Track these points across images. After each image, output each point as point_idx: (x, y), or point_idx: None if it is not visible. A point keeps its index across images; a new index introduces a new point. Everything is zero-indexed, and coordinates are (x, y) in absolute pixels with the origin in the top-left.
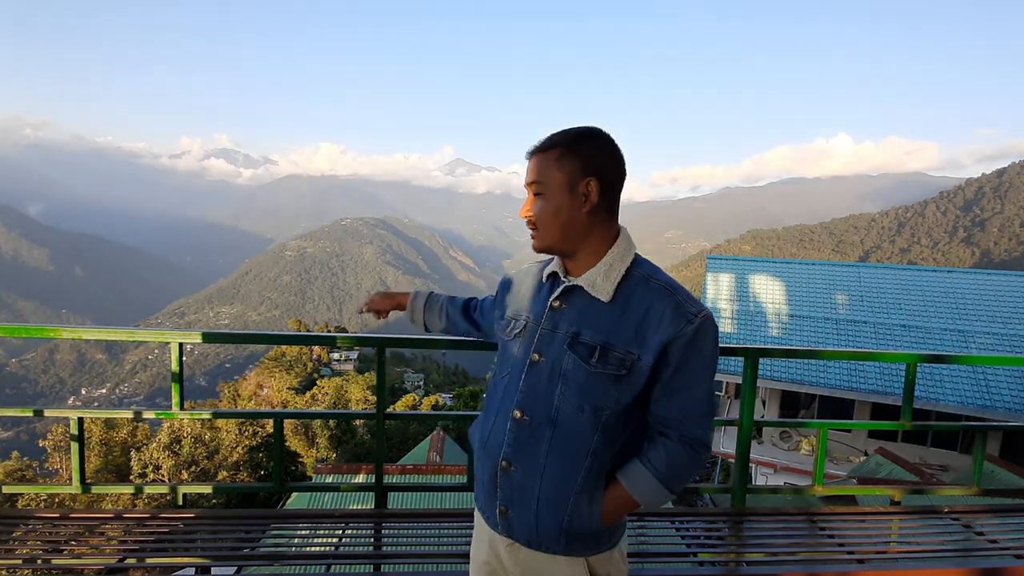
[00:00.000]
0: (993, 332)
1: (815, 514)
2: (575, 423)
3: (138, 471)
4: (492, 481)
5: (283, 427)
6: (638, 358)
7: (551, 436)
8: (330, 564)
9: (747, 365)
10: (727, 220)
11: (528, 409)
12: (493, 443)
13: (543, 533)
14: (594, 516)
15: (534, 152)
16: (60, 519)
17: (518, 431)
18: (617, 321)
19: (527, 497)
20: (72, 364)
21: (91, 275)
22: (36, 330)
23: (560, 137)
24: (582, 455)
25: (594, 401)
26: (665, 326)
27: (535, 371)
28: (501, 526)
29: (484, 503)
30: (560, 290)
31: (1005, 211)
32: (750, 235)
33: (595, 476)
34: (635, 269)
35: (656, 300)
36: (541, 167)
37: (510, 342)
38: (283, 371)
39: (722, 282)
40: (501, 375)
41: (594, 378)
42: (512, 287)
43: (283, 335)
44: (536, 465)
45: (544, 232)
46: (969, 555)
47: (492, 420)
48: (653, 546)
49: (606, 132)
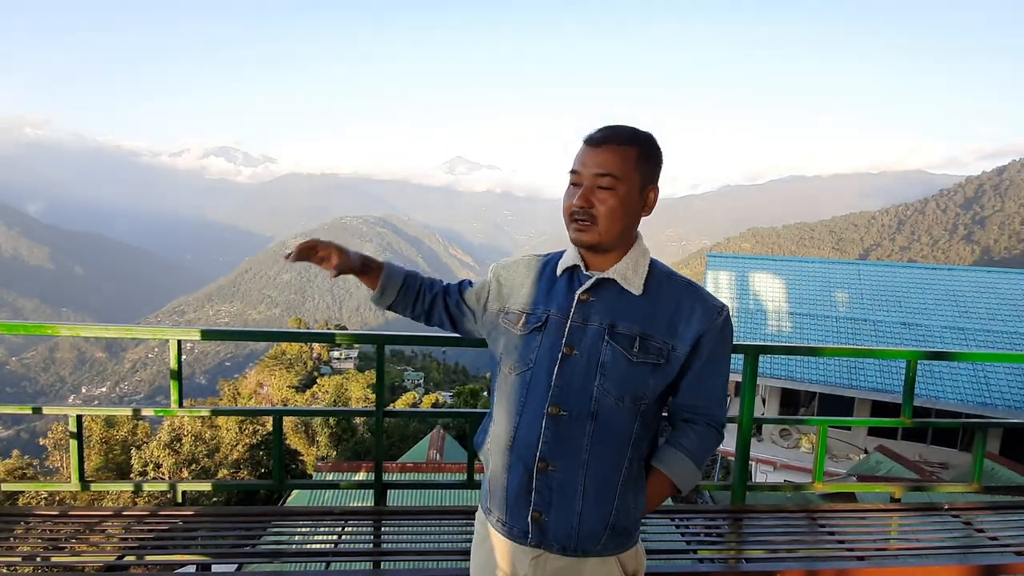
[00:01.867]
0: (993, 330)
1: (815, 511)
2: (615, 414)
3: (138, 469)
4: (525, 485)
5: (282, 425)
6: (673, 348)
7: (592, 430)
8: (330, 561)
9: (746, 363)
10: (727, 218)
11: (565, 404)
12: (524, 444)
13: (584, 532)
14: (639, 506)
15: (606, 142)
16: (60, 517)
17: (556, 428)
18: (651, 313)
19: (569, 496)
20: (72, 362)
21: (91, 273)
22: (35, 327)
23: (635, 135)
24: (624, 446)
25: (634, 391)
26: (697, 319)
27: (569, 364)
28: (532, 535)
29: (509, 513)
30: (591, 283)
31: (1005, 209)
32: (750, 233)
33: (637, 466)
34: (655, 267)
35: (683, 295)
36: (618, 161)
37: (525, 336)
38: (283, 369)
39: (722, 280)
40: (517, 372)
41: (635, 368)
42: (513, 280)
43: (282, 332)
44: (579, 461)
45: (606, 227)
46: (969, 551)
47: (517, 420)
48: (653, 543)
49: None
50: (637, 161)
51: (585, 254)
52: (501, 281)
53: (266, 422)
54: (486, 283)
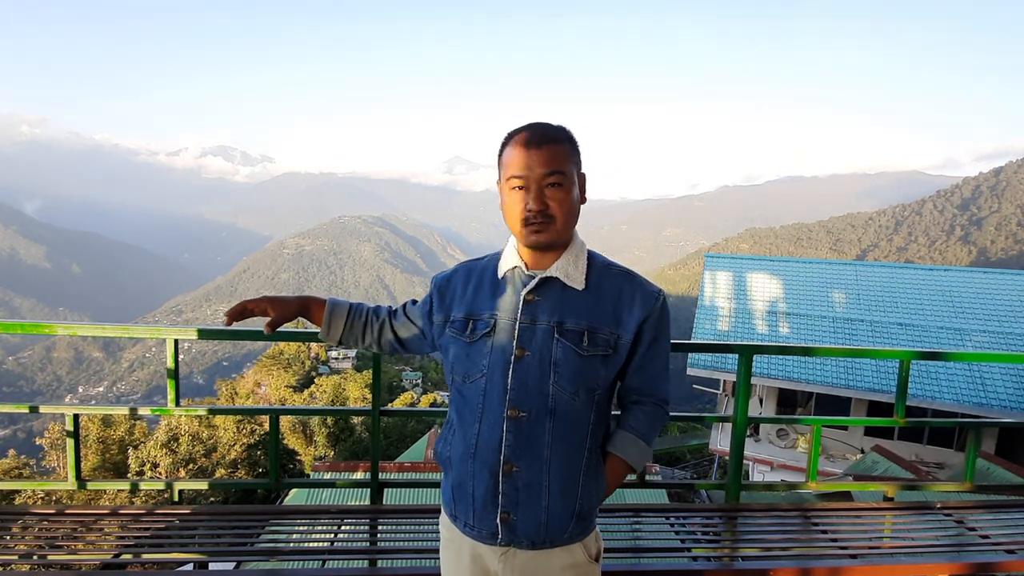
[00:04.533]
0: (990, 330)
1: (809, 510)
2: (572, 409)
3: (135, 469)
4: (492, 490)
5: (279, 424)
6: (619, 337)
7: (552, 427)
8: (326, 559)
9: (741, 362)
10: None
11: (523, 405)
12: (487, 450)
13: (552, 526)
14: (601, 492)
15: (546, 142)
16: (56, 515)
17: (517, 430)
18: (595, 306)
19: (535, 494)
20: (69, 362)
21: (88, 273)
22: (32, 326)
23: (560, 131)
24: (583, 438)
25: (587, 384)
26: (638, 307)
27: (522, 366)
28: (502, 535)
29: (477, 518)
30: (535, 283)
31: (1002, 210)
32: (748, 233)
33: (596, 454)
34: (593, 259)
35: (624, 285)
36: (561, 158)
37: (475, 343)
38: (281, 369)
39: (720, 280)
40: (472, 378)
41: (586, 361)
42: (454, 289)
43: (280, 332)
44: (542, 459)
45: (563, 224)
46: (962, 550)
47: (477, 427)
48: (648, 541)
49: None
50: (570, 154)
51: (526, 254)
52: (442, 292)
53: (263, 421)
54: (428, 297)
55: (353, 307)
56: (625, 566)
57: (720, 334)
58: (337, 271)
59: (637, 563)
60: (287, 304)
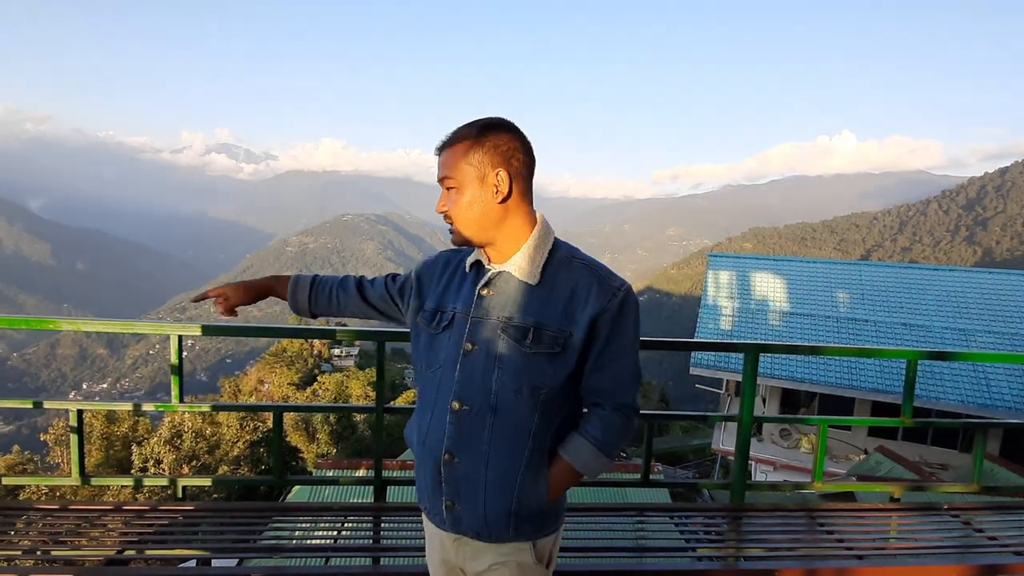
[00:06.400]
0: (995, 331)
1: (814, 510)
2: (515, 406)
3: (139, 465)
4: (436, 477)
5: (282, 421)
6: (569, 335)
7: (492, 423)
8: (330, 556)
9: (747, 361)
10: (728, 218)
11: (467, 399)
12: (433, 439)
13: (492, 521)
14: (540, 495)
15: (442, 147)
16: (60, 511)
17: (458, 422)
18: (546, 301)
19: (473, 487)
20: (73, 358)
21: (93, 270)
22: (36, 322)
23: (466, 131)
24: (524, 437)
25: (531, 381)
26: (592, 301)
27: (469, 360)
28: (448, 522)
29: (429, 501)
30: (487, 277)
31: (1008, 210)
32: (751, 233)
33: (538, 455)
34: (557, 251)
35: (580, 278)
36: (451, 162)
37: (438, 334)
38: (284, 367)
39: (723, 280)
40: (431, 369)
41: (530, 359)
42: (430, 277)
43: (283, 328)
44: (480, 453)
45: (461, 226)
46: (969, 551)
47: (429, 416)
48: (652, 541)
49: (510, 121)
50: (467, 154)
51: (486, 250)
52: (421, 279)
53: (266, 419)
54: (408, 279)
55: (318, 277)
56: (629, 565)
57: (723, 334)
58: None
59: (640, 562)
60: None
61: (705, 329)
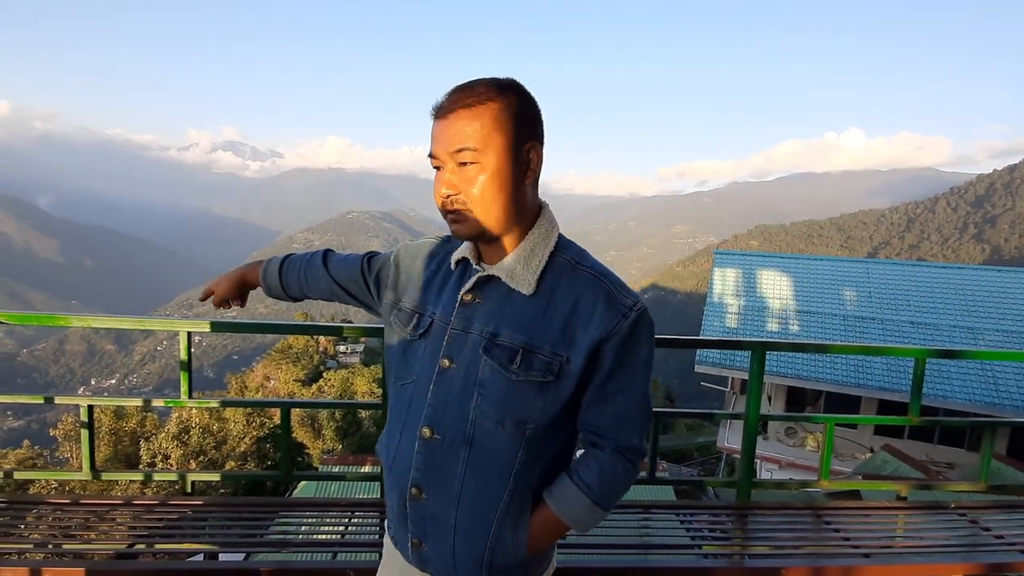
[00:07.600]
0: (1003, 329)
1: (820, 509)
2: (495, 441)
3: (147, 461)
4: (401, 511)
5: (290, 416)
6: (567, 360)
7: (467, 457)
8: (336, 552)
9: (753, 359)
10: (735, 215)
11: (439, 426)
12: (400, 466)
13: (461, 570)
14: (519, 546)
15: (455, 108)
16: (70, 505)
17: (428, 453)
18: (541, 317)
19: (442, 529)
20: (82, 354)
21: (101, 266)
22: (45, 318)
23: (490, 90)
24: (504, 477)
25: (516, 414)
26: (597, 322)
27: (445, 380)
28: (414, 560)
29: (396, 531)
30: (473, 280)
31: (1016, 207)
32: (758, 230)
33: (519, 500)
34: (559, 254)
35: (585, 291)
36: (475, 126)
37: (413, 342)
38: (290, 363)
39: (729, 277)
40: (402, 381)
41: (516, 387)
42: (412, 268)
43: (289, 325)
44: (451, 492)
45: (484, 211)
46: (976, 550)
47: (397, 438)
48: (658, 538)
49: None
50: (499, 118)
51: (480, 245)
52: (400, 268)
53: (273, 415)
54: (387, 264)
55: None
56: (634, 562)
57: (729, 331)
58: None
59: (645, 560)
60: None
61: (711, 326)
